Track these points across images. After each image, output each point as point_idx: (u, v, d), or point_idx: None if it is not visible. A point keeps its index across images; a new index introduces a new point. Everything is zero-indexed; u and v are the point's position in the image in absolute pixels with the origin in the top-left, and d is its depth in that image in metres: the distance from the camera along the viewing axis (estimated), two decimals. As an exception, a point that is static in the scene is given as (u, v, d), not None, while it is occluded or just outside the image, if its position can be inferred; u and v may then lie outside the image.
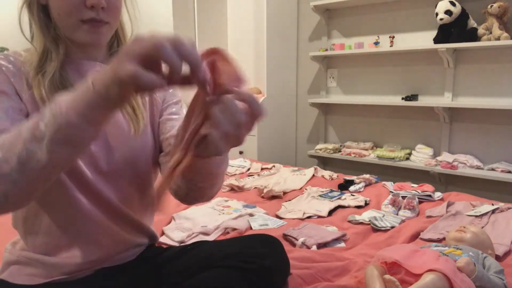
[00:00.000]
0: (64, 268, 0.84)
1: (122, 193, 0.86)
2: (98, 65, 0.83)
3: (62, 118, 0.55)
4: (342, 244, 1.38)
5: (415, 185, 1.97)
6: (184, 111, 0.75)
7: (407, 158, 2.81)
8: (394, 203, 1.71)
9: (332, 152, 3.09)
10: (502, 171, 2.41)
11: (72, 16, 0.74)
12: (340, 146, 3.18)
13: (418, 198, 1.76)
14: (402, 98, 2.81)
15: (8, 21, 3.97)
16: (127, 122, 0.85)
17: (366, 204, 1.80)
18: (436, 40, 2.54)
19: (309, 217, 1.65)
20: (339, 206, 1.76)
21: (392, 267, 1.00)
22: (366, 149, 2.99)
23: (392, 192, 1.86)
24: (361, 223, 1.55)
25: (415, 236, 1.41)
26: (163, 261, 0.98)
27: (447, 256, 0.99)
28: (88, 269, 0.86)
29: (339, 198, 1.84)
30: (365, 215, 1.60)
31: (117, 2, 0.78)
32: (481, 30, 2.40)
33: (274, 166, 2.44)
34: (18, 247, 0.87)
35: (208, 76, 0.52)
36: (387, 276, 0.93)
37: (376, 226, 1.50)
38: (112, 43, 0.87)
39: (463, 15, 2.42)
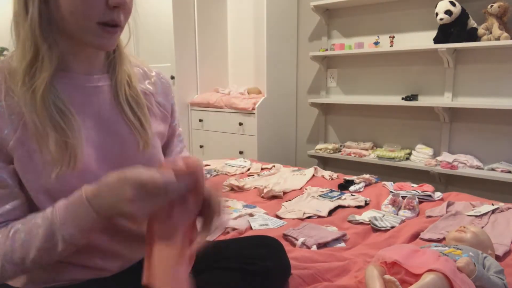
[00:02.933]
0: (66, 275, 0.81)
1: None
2: (93, 79, 0.77)
3: (69, 239, 0.66)
4: (342, 244, 1.38)
5: (415, 185, 1.97)
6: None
7: (407, 158, 2.80)
8: (394, 203, 1.71)
9: (332, 152, 3.09)
10: (502, 171, 2.41)
11: (90, 16, 0.67)
12: (340, 146, 3.18)
13: (418, 198, 1.76)
14: (402, 98, 2.81)
15: (8, 21, 3.96)
16: (134, 138, 0.81)
17: (366, 204, 1.80)
18: (436, 40, 2.54)
19: (309, 217, 1.65)
20: (339, 206, 1.76)
21: (392, 267, 1.00)
22: (366, 149, 2.99)
23: (392, 192, 1.86)
24: (361, 223, 1.56)
25: (415, 236, 1.41)
26: None
27: (447, 256, 0.99)
28: (85, 279, 0.83)
29: (339, 198, 1.84)
30: (365, 215, 1.60)
31: (131, 4, 0.74)
32: (481, 30, 2.40)
33: (274, 166, 2.44)
34: None
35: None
36: (387, 276, 0.93)
37: (376, 226, 1.50)
38: None
39: (463, 15, 2.42)
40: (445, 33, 2.48)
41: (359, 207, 1.76)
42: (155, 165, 0.81)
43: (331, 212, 1.70)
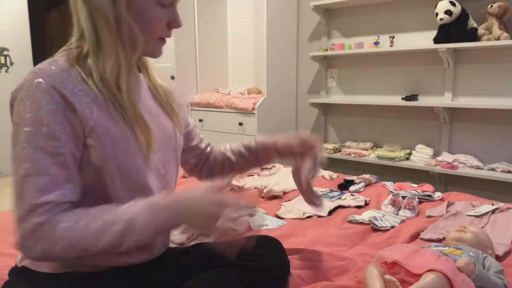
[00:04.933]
0: (88, 260, 0.84)
1: (169, 192, 0.93)
2: (137, 75, 0.91)
3: (141, 241, 0.75)
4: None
5: (415, 185, 1.97)
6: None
7: (407, 158, 2.81)
8: (394, 203, 1.71)
9: (332, 152, 3.09)
10: (502, 171, 2.41)
11: (155, 33, 0.84)
12: (340, 146, 3.18)
13: (418, 198, 1.76)
14: (402, 98, 2.81)
15: (8, 21, 3.97)
16: (171, 125, 0.95)
17: (366, 204, 1.80)
18: (436, 40, 2.54)
19: (309, 217, 1.65)
20: (339, 206, 1.76)
21: (392, 267, 1.00)
22: (366, 149, 2.99)
23: (392, 192, 1.86)
24: (361, 223, 1.55)
25: (415, 236, 1.41)
26: (164, 263, 0.98)
27: (447, 256, 0.99)
28: (108, 265, 0.87)
29: (339, 198, 1.84)
30: (365, 215, 1.60)
31: None
32: (481, 30, 2.40)
33: (274, 166, 2.44)
34: None
35: None
36: (387, 276, 0.93)
37: (376, 226, 1.50)
38: None
39: (463, 15, 2.42)
40: (445, 33, 2.48)
41: (359, 207, 1.76)
42: (180, 150, 1.00)
43: (331, 212, 1.70)
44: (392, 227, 1.50)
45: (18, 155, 0.74)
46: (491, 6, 2.34)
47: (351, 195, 1.89)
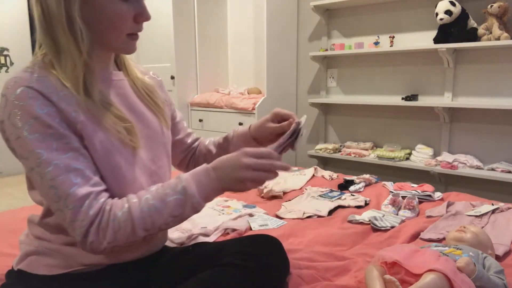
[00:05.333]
0: (84, 260, 0.85)
1: None
2: (113, 74, 0.89)
3: (197, 207, 0.80)
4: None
5: (415, 185, 1.97)
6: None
7: (407, 158, 2.81)
8: (394, 203, 1.71)
9: (332, 152, 3.09)
10: (502, 171, 2.41)
11: (122, 30, 0.80)
12: (340, 146, 3.18)
13: (418, 198, 1.76)
14: (402, 98, 2.81)
15: (8, 21, 3.97)
16: (156, 120, 0.94)
17: (366, 204, 1.80)
18: (436, 40, 2.54)
19: (309, 216, 1.65)
20: (339, 206, 1.76)
21: (392, 267, 1.00)
22: (366, 149, 2.99)
23: (392, 192, 1.86)
24: (361, 223, 1.55)
25: (415, 236, 1.41)
26: (164, 263, 0.98)
27: (447, 256, 0.99)
28: (105, 263, 0.87)
29: (339, 198, 1.84)
30: (365, 215, 1.60)
31: None
32: (481, 30, 2.40)
33: (274, 166, 2.44)
34: (32, 237, 0.88)
35: None
36: (387, 276, 0.93)
37: (376, 226, 1.50)
38: None
39: (463, 15, 2.42)
40: (445, 33, 2.48)
41: (359, 207, 1.76)
42: (170, 145, 1.00)
43: (331, 212, 1.70)
44: (392, 227, 1.50)
45: (36, 164, 0.73)
46: (491, 6, 2.34)
47: (351, 195, 1.89)
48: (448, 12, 2.40)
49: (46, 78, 0.76)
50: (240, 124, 3.17)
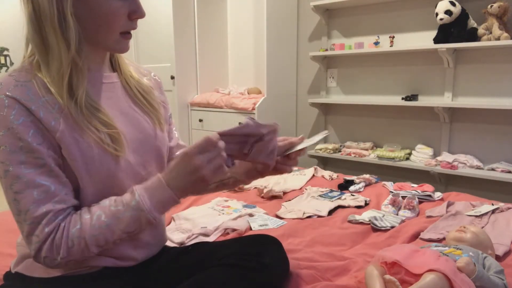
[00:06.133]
0: (94, 262, 0.85)
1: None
2: (105, 76, 0.87)
3: (153, 221, 0.78)
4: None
5: (415, 185, 1.97)
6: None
7: (407, 158, 2.80)
8: (394, 203, 1.71)
9: (332, 152, 3.09)
10: (502, 171, 2.41)
11: (115, 27, 0.78)
12: (340, 146, 3.18)
13: (418, 198, 1.76)
14: (402, 98, 2.81)
15: (8, 21, 3.97)
16: (149, 124, 0.92)
17: (366, 204, 1.80)
18: (436, 40, 2.54)
19: (309, 216, 1.65)
20: (339, 206, 1.76)
21: (392, 267, 1.00)
22: (366, 149, 2.99)
23: (392, 192, 1.86)
24: (361, 223, 1.55)
25: (415, 236, 1.41)
26: (163, 263, 0.98)
27: (447, 256, 0.99)
28: (101, 266, 0.87)
29: (339, 198, 1.84)
30: (365, 215, 1.60)
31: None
32: (481, 30, 2.40)
33: (274, 166, 2.44)
34: None
35: None
36: (387, 276, 0.93)
37: (376, 226, 1.50)
38: None
39: (463, 15, 2.42)
40: (445, 33, 2.48)
41: (359, 207, 1.76)
42: (165, 149, 0.96)
43: (331, 212, 1.70)
44: (392, 227, 1.50)
45: (3, 175, 0.73)
46: (491, 6, 2.34)
47: (351, 195, 1.89)
48: (448, 12, 2.40)
49: (30, 83, 0.74)
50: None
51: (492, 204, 1.62)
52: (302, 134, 1.03)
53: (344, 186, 2.04)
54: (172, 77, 3.34)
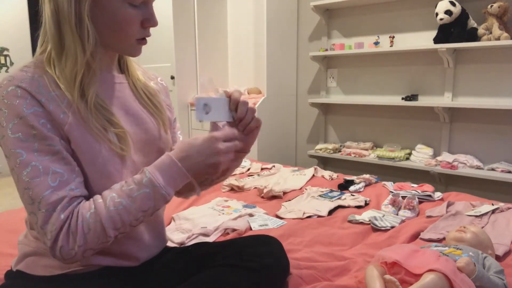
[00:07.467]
0: (95, 261, 0.85)
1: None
2: (115, 77, 0.89)
3: (168, 198, 0.79)
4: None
5: (415, 185, 1.97)
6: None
7: (407, 158, 2.81)
8: (394, 203, 1.71)
9: (332, 152, 3.09)
10: (502, 171, 2.41)
11: (129, 34, 0.81)
12: (340, 146, 3.18)
13: (418, 198, 1.76)
14: (402, 98, 2.81)
15: (8, 21, 3.97)
16: (154, 125, 0.93)
17: (366, 204, 1.80)
18: (436, 40, 2.54)
19: (309, 216, 1.65)
20: (339, 206, 1.76)
21: (392, 267, 1.00)
22: (366, 149, 2.99)
23: (392, 192, 1.86)
24: (361, 223, 1.55)
25: (415, 236, 1.41)
26: (164, 263, 0.98)
27: (447, 256, 0.99)
28: (103, 264, 0.87)
29: (339, 198, 1.84)
30: (365, 215, 1.60)
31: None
32: (481, 30, 2.40)
33: (274, 166, 2.44)
34: (31, 238, 0.88)
35: None
36: (387, 276, 0.93)
37: (376, 226, 1.50)
38: None
39: (463, 15, 2.42)
40: (445, 33, 2.48)
41: (359, 207, 1.76)
42: (168, 150, 0.95)
43: (331, 212, 1.70)
44: (392, 227, 1.50)
45: (16, 164, 0.73)
46: (491, 6, 2.34)
47: (351, 195, 1.89)
48: (448, 12, 2.40)
49: (40, 77, 0.76)
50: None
51: (492, 204, 1.62)
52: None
53: (344, 186, 2.04)
54: (172, 77, 3.34)
